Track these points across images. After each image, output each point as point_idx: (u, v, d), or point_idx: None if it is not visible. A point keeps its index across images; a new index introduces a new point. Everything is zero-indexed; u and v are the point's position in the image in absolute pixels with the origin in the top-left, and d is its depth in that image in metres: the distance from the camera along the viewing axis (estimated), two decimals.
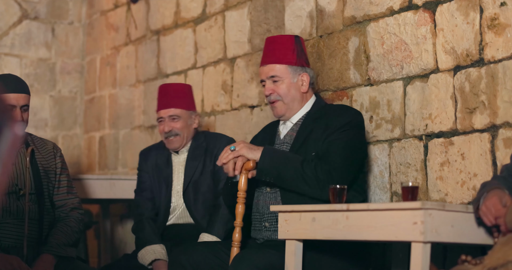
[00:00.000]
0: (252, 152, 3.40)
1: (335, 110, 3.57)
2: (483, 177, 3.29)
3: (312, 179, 3.31)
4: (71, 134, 6.71)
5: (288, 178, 3.35)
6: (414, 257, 2.72)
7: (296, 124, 3.60)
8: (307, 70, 3.64)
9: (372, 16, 3.89)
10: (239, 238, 3.39)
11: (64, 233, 3.76)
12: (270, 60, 3.61)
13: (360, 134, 3.52)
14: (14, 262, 3.50)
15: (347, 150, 3.40)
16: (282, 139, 3.62)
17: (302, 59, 3.62)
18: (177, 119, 4.20)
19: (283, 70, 3.59)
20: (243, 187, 3.43)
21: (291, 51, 3.60)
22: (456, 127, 3.45)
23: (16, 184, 3.73)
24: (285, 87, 3.58)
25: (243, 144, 3.42)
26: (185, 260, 3.41)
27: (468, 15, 3.41)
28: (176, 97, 4.25)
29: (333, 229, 3.00)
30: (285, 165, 3.35)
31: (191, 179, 4.16)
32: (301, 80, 3.61)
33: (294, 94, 3.59)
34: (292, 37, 3.66)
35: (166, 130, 4.19)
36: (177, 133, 4.20)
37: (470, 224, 2.84)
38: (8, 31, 6.46)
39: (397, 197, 3.71)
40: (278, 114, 3.62)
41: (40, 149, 3.91)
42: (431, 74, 3.58)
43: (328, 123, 3.47)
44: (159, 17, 5.71)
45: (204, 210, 4.11)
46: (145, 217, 4.20)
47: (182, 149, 4.26)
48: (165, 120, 4.21)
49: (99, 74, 6.52)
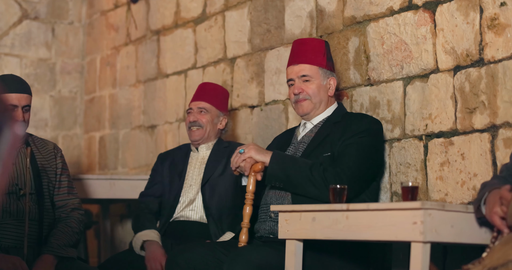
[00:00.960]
0: (260, 155, 3.44)
1: (356, 116, 3.60)
2: (483, 177, 3.29)
3: (321, 183, 3.32)
4: (71, 134, 6.71)
5: (297, 183, 3.37)
6: (414, 257, 2.72)
7: (316, 126, 3.64)
8: (334, 75, 3.69)
9: (372, 16, 3.90)
10: (246, 239, 3.42)
11: (65, 233, 3.76)
12: (302, 60, 3.63)
13: (377, 142, 3.53)
14: (16, 262, 3.50)
15: (360, 156, 3.41)
16: (300, 139, 3.65)
17: (330, 64, 3.67)
18: (204, 112, 4.27)
19: (314, 71, 3.62)
20: (251, 189, 3.45)
21: (322, 54, 3.64)
22: (456, 127, 3.45)
23: (16, 184, 3.73)
24: (315, 87, 3.61)
25: (252, 146, 3.46)
26: (182, 260, 3.42)
27: (468, 15, 3.41)
28: (210, 94, 4.33)
29: (333, 229, 3.00)
30: (294, 170, 3.37)
31: (211, 176, 4.19)
32: (329, 83, 3.65)
33: (323, 95, 3.63)
34: (322, 41, 3.69)
35: (191, 119, 4.26)
36: (200, 125, 4.25)
37: (470, 224, 2.84)
38: (8, 31, 6.46)
39: (397, 197, 3.71)
40: (304, 111, 3.64)
41: (41, 150, 3.91)
42: (431, 74, 3.58)
43: (346, 127, 3.49)
44: (159, 17, 5.71)
45: (216, 210, 4.11)
46: (144, 211, 4.23)
47: (201, 146, 4.30)
48: (193, 111, 4.28)
49: (99, 74, 6.52)
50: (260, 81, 4.65)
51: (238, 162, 3.45)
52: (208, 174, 4.20)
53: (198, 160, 4.30)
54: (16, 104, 3.73)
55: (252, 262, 3.17)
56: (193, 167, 4.28)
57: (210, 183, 4.18)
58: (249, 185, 3.45)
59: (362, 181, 3.43)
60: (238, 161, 3.45)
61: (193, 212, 4.16)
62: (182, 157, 4.35)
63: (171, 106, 5.51)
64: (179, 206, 4.19)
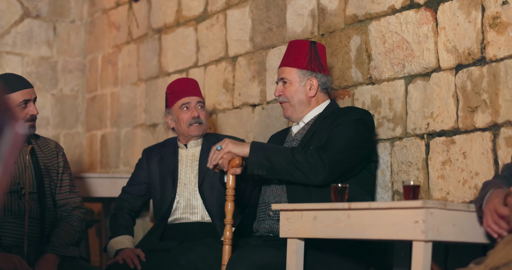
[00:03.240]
0: (238, 147, 3.42)
1: (343, 109, 3.62)
2: (485, 176, 3.28)
3: (304, 165, 3.32)
4: (73, 132, 6.71)
5: (280, 168, 3.36)
6: (416, 256, 2.72)
7: (308, 124, 3.65)
8: (318, 75, 3.66)
9: (373, 15, 3.89)
10: (230, 236, 3.39)
11: (67, 232, 3.76)
12: (284, 63, 3.70)
13: (364, 131, 3.50)
14: (16, 261, 3.50)
15: (345, 140, 3.40)
16: (293, 137, 3.67)
17: (314, 64, 3.65)
18: (202, 107, 4.21)
19: (292, 73, 3.65)
20: (231, 185, 3.43)
21: (303, 56, 3.64)
22: (458, 126, 3.45)
23: (18, 183, 3.73)
24: (292, 90, 3.64)
25: (228, 141, 3.45)
26: (182, 259, 3.42)
27: (470, 14, 3.41)
28: (195, 87, 4.24)
29: (335, 227, 3.00)
30: (276, 155, 3.37)
31: (206, 174, 4.11)
32: (309, 84, 3.63)
33: (300, 97, 3.64)
34: (308, 42, 3.69)
35: (196, 115, 4.15)
36: (202, 122, 4.18)
37: (472, 223, 2.83)
38: (10, 29, 6.46)
39: (398, 196, 3.71)
40: (285, 114, 3.71)
41: (43, 148, 3.91)
42: (433, 72, 3.57)
43: (334, 120, 3.49)
44: (161, 16, 5.71)
45: (219, 208, 4.06)
46: (122, 211, 4.20)
47: (190, 142, 4.22)
48: (192, 106, 4.17)
49: (101, 73, 6.52)
50: (262, 79, 4.65)
51: (216, 159, 3.43)
52: (203, 173, 4.13)
53: (189, 158, 4.22)
54: (29, 98, 3.78)
55: (254, 264, 3.17)
56: (185, 165, 4.21)
57: (206, 181, 4.12)
58: (229, 181, 3.44)
59: (345, 165, 3.40)
60: (217, 159, 3.42)
61: (193, 214, 4.12)
62: (170, 155, 4.25)
63: None
64: (176, 208, 4.14)
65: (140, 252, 3.92)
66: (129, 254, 3.91)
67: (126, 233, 4.09)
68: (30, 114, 3.80)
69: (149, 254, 3.97)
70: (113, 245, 4.05)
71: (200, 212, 4.12)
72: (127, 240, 4.04)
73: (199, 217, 4.11)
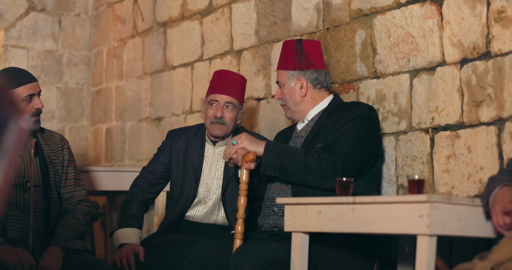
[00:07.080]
0: (253, 145, 3.42)
1: (349, 105, 3.61)
2: (490, 170, 3.28)
3: (316, 170, 3.32)
4: (78, 126, 6.72)
5: (292, 171, 3.36)
6: (420, 250, 2.73)
7: (312, 120, 3.65)
8: (307, 73, 3.64)
9: (379, 9, 3.89)
10: (241, 230, 3.40)
11: (72, 225, 3.77)
12: (278, 66, 3.73)
13: (370, 128, 3.51)
14: (21, 254, 3.52)
15: (354, 141, 3.41)
16: (298, 133, 3.67)
17: (301, 62, 3.63)
18: (231, 108, 3.99)
19: (283, 76, 3.68)
20: (244, 179, 3.43)
21: (291, 56, 3.66)
22: (463, 120, 3.44)
23: (23, 176, 3.74)
24: (285, 92, 3.67)
25: (245, 137, 3.45)
26: (189, 253, 3.42)
27: (475, 8, 3.40)
28: (234, 86, 4.03)
29: (339, 222, 3.00)
30: (289, 158, 3.37)
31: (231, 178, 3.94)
32: (299, 84, 3.64)
33: (294, 98, 3.65)
34: (294, 41, 3.67)
35: (219, 115, 3.96)
36: (225, 123, 3.98)
37: (477, 218, 2.83)
38: (15, 23, 6.47)
39: (403, 190, 3.71)
40: (286, 116, 3.77)
41: (48, 141, 3.92)
42: (438, 67, 3.57)
43: (339, 116, 3.49)
44: (166, 9, 5.71)
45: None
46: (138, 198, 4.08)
47: (219, 142, 4.07)
48: (219, 105, 3.98)
49: (106, 66, 6.53)
50: (267, 73, 4.65)
51: (231, 153, 3.42)
52: (227, 178, 4.00)
53: (215, 157, 4.07)
54: (33, 92, 3.79)
55: (259, 257, 3.17)
56: (209, 165, 4.07)
57: (230, 185, 3.98)
58: (242, 176, 3.44)
59: (357, 167, 3.41)
60: (231, 153, 3.42)
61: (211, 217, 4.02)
62: (197, 149, 4.09)
63: (177, 98, 5.51)
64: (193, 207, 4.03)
65: (140, 250, 3.85)
66: (127, 252, 3.84)
67: (135, 226, 4.00)
68: (36, 108, 3.81)
69: (155, 246, 3.93)
70: (119, 236, 3.98)
71: (219, 217, 4.03)
72: (134, 235, 3.97)
73: (218, 220, 4.03)
